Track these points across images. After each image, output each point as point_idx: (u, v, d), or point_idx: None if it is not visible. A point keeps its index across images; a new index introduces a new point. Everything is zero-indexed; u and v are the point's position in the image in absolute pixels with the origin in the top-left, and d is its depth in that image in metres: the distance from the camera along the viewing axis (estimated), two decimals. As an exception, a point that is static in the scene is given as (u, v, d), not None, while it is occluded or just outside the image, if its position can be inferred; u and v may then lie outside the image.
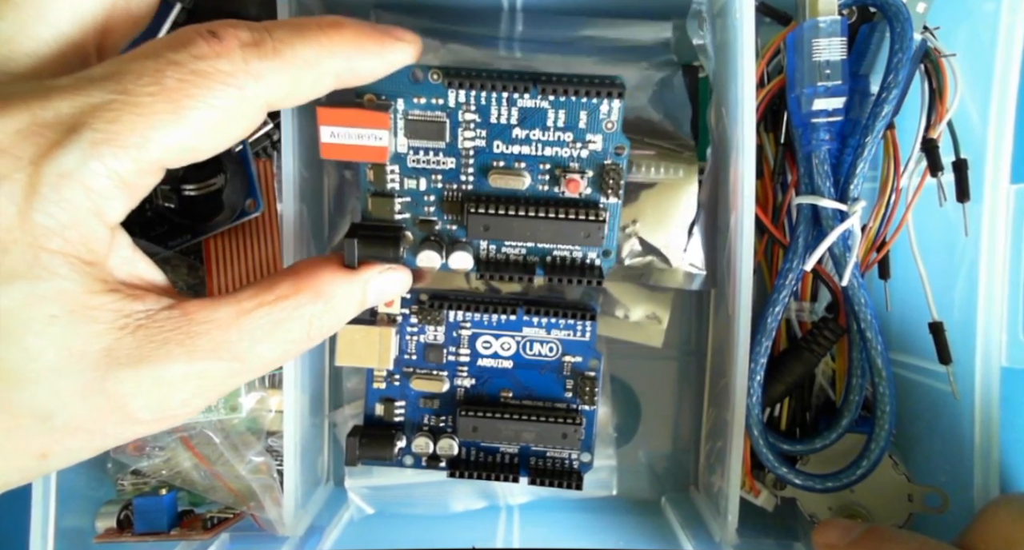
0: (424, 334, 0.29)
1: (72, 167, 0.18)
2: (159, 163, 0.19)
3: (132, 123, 0.18)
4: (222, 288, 0.33)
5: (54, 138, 0.18)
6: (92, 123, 0.18)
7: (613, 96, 0.24)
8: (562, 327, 0.28)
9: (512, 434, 0.28)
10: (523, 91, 0.24)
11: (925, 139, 0.30)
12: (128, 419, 0.20)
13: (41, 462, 0.19)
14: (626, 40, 0.34)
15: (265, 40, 0.20)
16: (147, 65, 0.19)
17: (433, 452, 0.29)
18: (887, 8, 0.28)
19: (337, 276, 0.24)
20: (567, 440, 0.28)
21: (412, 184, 0.26)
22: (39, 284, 0.18)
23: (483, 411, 0.28)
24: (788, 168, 0.31)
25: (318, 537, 0.34)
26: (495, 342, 0.29)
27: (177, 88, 0.19)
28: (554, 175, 0.26)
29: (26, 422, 0.19)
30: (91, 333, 0.19)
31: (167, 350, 0.20)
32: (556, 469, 0.29)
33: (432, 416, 0.29)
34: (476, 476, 0.29)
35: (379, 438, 0.29)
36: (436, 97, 0.25)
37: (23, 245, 0.18)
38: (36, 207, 0.18)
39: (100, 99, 0.18)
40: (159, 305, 0.20)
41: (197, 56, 0.19)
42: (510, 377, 0.29)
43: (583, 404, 0.29)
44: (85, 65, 0.21)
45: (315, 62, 0.20)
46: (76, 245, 0.18)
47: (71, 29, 0.21)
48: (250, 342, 0.21)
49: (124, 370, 0.19)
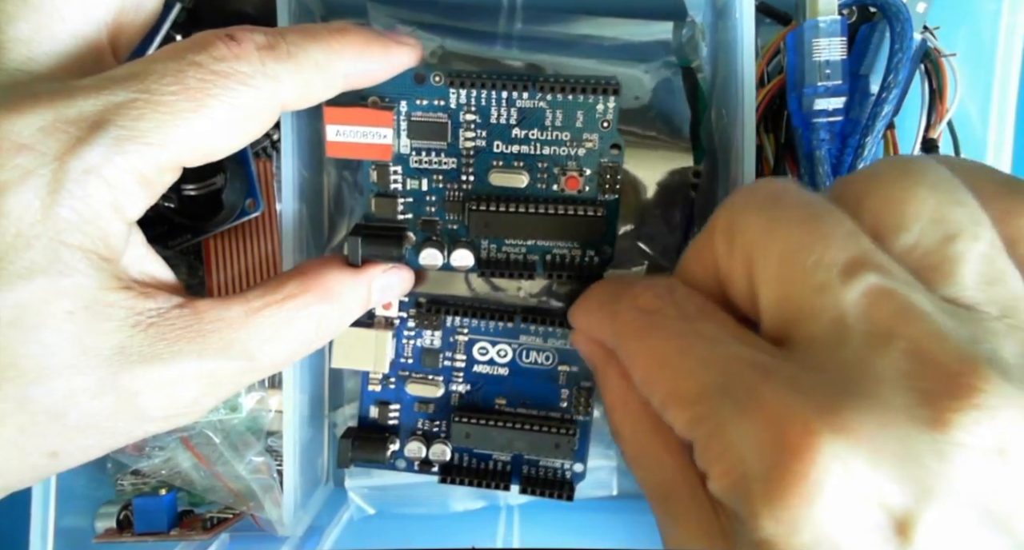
0: (421, 338, 0.29)
1: (97, 163, 0.18)
2: (179, 161, 0.20)
3: (156, 121, 0.19)
4: (221, 288, 0.33)
5: (78, 134, 0.18)
6: (116, 120, 0.18)
7: (608, 95, 0.25)
8: (559, 336, 0.28)
9: (505, 442, 0.28)
10: (522, 90, 0.25)
11: (925, 139, 0.30)
12: (139, 417, 0.20)
13: (52, 461, 0.20)
14: (625, 40, 0.34)
15: (280, 43, 0.20)
16: (169, 66, 0.19)
17: (426, 457, 0.29)
18: (887, 8, 0.28)
19: (343, 275, 0.24)
20: (559, 450, 0.28)
21: (415, 184, 0.26)
22: (59, 279, 0.18)
23: (477, 418, 0.28)
24: (788, 168, 0.31)
25: (318, 537, 0.34)
26: (491, 348, 0.29)
27: (198, 88, 0.19)
28: (553, 173, 0.26)
29: (40, 419, 0.19)
30: (105, 330, 0.19)
31: (178, 348, 0.20)
32: (548, 478, 0.29)
33: (426, 420, 0.29)
34: (468, 483, 0.29)
35: (372, 441, 0.29)
36: (438, 98, 0.25)
37: (45, 240, 0.18)
38: (60, 202, 0.18)
39: (124, 98, 0.19)
40: (170, 303, 0.20)
41: (217, 58, 0.19)
42: (505, 384, 0.29)
43: (578, 414, 0.29)
44: (100, 64, 0.21)
45: (326, 64, 0.21)
46: (95, 240, 0.19)
47: (86, 28, 0.21)
48: (259, 341, 0.21)
49: (136, 367, 0.19)
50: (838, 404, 0.15)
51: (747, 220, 0.18)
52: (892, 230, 0.17)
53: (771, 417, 0.15)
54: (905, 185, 0.17)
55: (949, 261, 0.16)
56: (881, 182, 0.18)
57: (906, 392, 0.15)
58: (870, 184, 0.18)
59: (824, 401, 0.15)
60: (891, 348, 0.15)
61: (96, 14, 0.21)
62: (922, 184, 0.17)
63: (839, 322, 0.16)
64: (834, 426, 0.14)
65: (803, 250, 0.17)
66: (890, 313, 0.16)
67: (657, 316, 0.20)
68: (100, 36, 0.22)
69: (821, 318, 0.16)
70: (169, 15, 0.31)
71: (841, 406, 0.15)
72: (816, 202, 0.18)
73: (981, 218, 0.17)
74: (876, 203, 0.17)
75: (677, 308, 0.19)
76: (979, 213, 0.17)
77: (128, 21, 0.22)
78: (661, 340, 0.19)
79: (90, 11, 0.21)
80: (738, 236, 0.18)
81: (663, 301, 0.20)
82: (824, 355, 0.16)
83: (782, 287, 0.17)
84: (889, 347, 0.15)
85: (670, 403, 0.18)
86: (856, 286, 0.16)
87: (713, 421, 0.16)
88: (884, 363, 0.15)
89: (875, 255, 0.16)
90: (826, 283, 0.16)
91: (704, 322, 0.19)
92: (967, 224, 0.16)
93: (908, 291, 0.16)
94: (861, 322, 0.16)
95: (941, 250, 0.16)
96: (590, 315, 0.23)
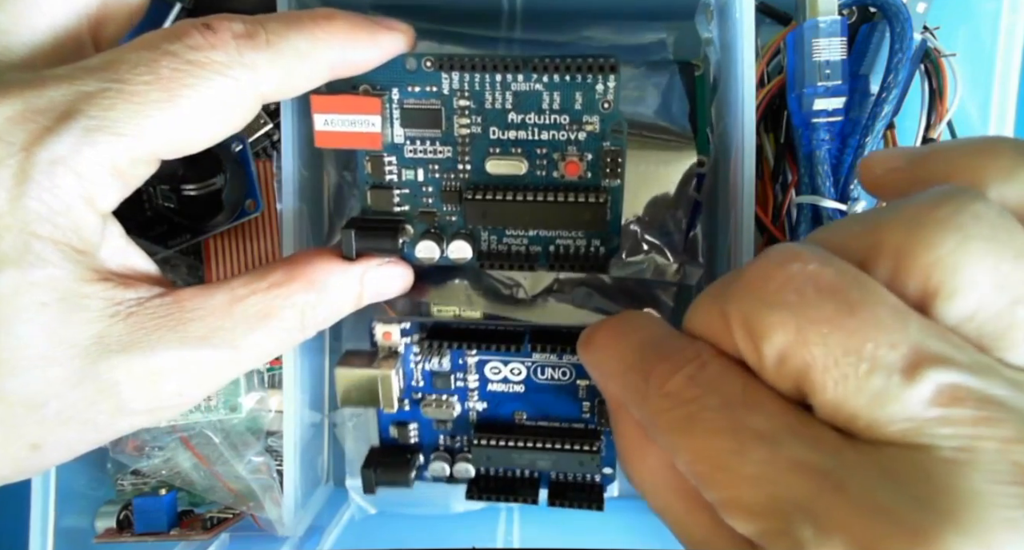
0: (429, 362, 0.28)
1: (64, 153, 0.18)
2: (153, 152, 0.19)
3: (127, 111, 0.18)
4: (222, 288, 0.33)
5: (46, 124, 0.18)
6: (86, 110, 0.18)
7: (608, 73, 0.23)
8: (573, 353, 0.27)
9: (528, 462, 0.27)
10: (516, 73, 0.24)
11: (925, 139, 0.30)
12: (121, 409, 0.20)
13: (34, 454, 0.19)
14: (624, 40, 0.34)
15: (259, 32, 0.20)
16: (143, 55, 0.19)
17: (450, 474, 0.29)
18: (887, 8, 0.28)
19: (332, 266, 0.23)
20: (584, 467, 0.27)
21: (410, 175, 0.25)
22: (29, 271, 0.18)
23: (497, 439, 0.27)
24: (788, 168, 0.31)
25: (318, 537, 0.34)
26: (504, 368, 0.28)
27: (172, 77, 0.19)
28: (552, 159, 0.25)
29: (18, 411, 0.19)
30: (81, 321, 0.19)
31: (158, 336, 0.20)
32: (577, 483, 0.28)
33: (447, 437, 0.29)
34: (495, 499, 0.28)
35: (394, 464, 0.28)
36: (430, 85, 0.24)
37: (14, 231, 0.18)
38: (28, 193, 0.18)
39: (95, 87, 0.18)
40: (151, 293, 0.20)
41: (192, 47, 0.19)
42: (523, 400, 0.28)
43: (602, 425, 0.28)
44: (80, 57, 0.21)
45: (308, 52, 0.21)
46: (67, 232, 0.18)
47: (66, 19, 0.21)
48: (243, 330, 0.21)
49: (115, 357, 0.19)
50: (931, 529, 0.13)
51: (771, 323, 0.16)
52: (945, 298, 0.15)
53: (857, 545, 0.14)
54: (955, 243, 0.15)
55: (1016, 329, 0.15)
56: (924, 240, 0.15)
57: (1006, 500, 0.13)
58: (910, 240, 0.15)
59: (915, 526, 0.13)
60: (978, 453, 0.14)
61: (77, 6, 0.21)
62: (974, 240, 0.15)
63: (913, 432, 0.14)
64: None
65: (848, 356, 0.15)
66: (968, 415, 0.14)
67: (695, 407, 0.17)
68: (81, 28, 0.21)
69: (889, 428, 0.14)
70: (169, 15, 0.31)
71: (935, 533, 0.13)
72: (847, 284, 0.15)
73: None
74: (922, 266, 0.15)
75: (718, 396, 0.17)
76: None
77: (112, 14, 0.22)
78: (707, 440, 0.16)
79: (71, 2, 0.21)
80: (765, 342, 0.16)
81: (698, 387, 0.17)
82: (900, 462, 0.14)
83: (835, 397, 0.15)
84: (976, 452, 0.14)
85: (732, 510, 0.16)
86: (922, 388, 0.14)
87: (791, 541, 0.14)
88: (973, 472, 0.14)
89: (932, 341, 0.14)
90: (887, 392, 0.14)
91: (753, 414, 0.16)
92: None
93: (980, 381, 0.14)
94: (937, 428, 0.14)
95: (1005, 317, 0.15)
96: (610, 380, 0.21)
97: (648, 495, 0.20)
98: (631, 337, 0.20)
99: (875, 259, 0.16)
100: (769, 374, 0.16)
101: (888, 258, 0.16)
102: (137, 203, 0.31)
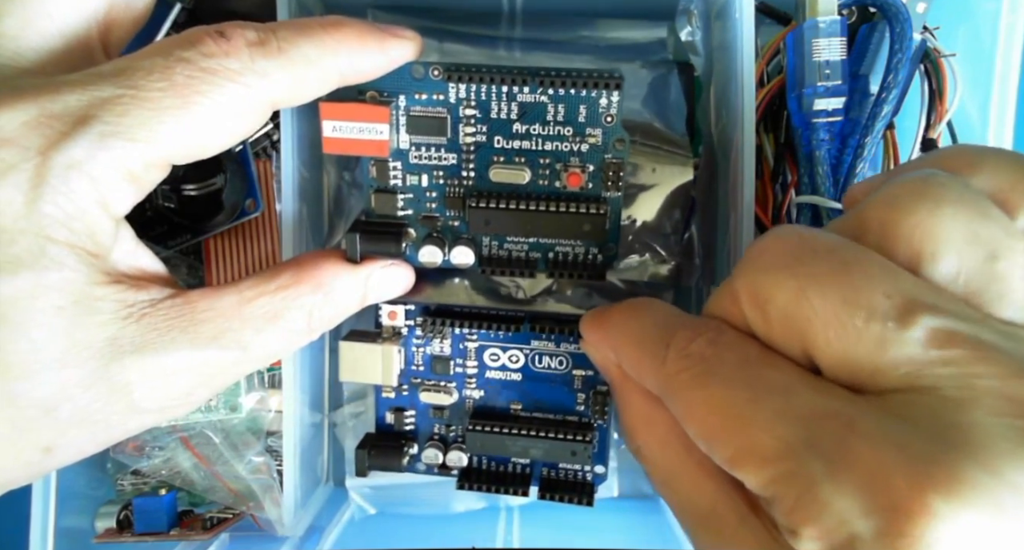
0: (430, 346, 0.28)
1: (80, 158, 0.18)
2: (166, 158, 0.20)
3: (141, 117, 0.18)
4: (222, 288, 0.33)
5: (62, 129, 0.18)
6: (101, 116, 0.18)
7: (611, 89, 0.24)
8: (571, 340, 0.28)
9: (520, 450, 0.28)
10: (522, 85, 0.24)
11: (925, 139, 0.30)
12: (132, 408, 0.20)
13: (46, 456, 0.19)
14: (623, 40, 0.34)
15: (270, 39, 0.20)
16: (157, 62, 0.19)
17: (443, 462, 0.29)
18: (887, 8, 0.28)
19: (338, 268, 0.24)
20: (576, 457, 0.27)
21: (414, 180, 0.26)
22: (45, 274, 0.18)
23: (492, 426, 0.28)
24: (788, 168, 0.31)
25: (318, 537, 0.34)
26: (503, 354, 0.28)
27: (186, 84, 0.19)
28: (555, 169, 0.26)
29: (31, 414, 0.19)
30: (95, 323, 0.19)
31: (171, 337, 0.20)
32: (568, 481, 0.29)
33: (442, 425, 0.29)
34: (486, 489, 0.29)
35: (389, 447, 0.29)
36: (437, 93, 0.25)
37: (30, 235, 0.18)
38: (43, 197, 0.18)
39: (110, 93, 0.18)
40: (162, 294, 0.20)
41: (206, 54, 0.19)
42: (519, 389, 0.29)
43: (596, 418, 0.28)
44: (90, 61, 0.21)
45: (318, 60, 0.21)
46: (82, 236, 0.19)
47: (75, 24, 0.21)
48: (252, 331, 0.21)
49: (128, 358, 0.19)
50: (942, 458, 0.14)
51: (774, 286, 0.17)
52: (929, 259, 0.16)
53: (871, 475, 0.14)
54: (929, 208, 0.16)
55: (996, 282, 0.16)
56: (902, 209, 0.17)
57: (1008, 432, 0.14)
58: (891, 212, 0.17)
59: (926, 456, 0.14)
60: (977, 391, 0.15)
61: (86, 10, 0.21)
62: (945, 203, 0.16)
63: (913, 375, 0.15)
64: (944, 483, 0.14)
65: (846, 306, 0.16)
66: (965, 354, 0.15)
67: (714, 362, 0.18)
68: (90, 33, 0.21)
69: (892, 373, 0.15)
70: (169, 15, 0.31)
71: (946, 460, 0.14)
72: (840, 246, 0.17)
73: (1012, 228, 0.16)
74: (904, 232, 0.16)
75: (735, 353, 0.18)
76: (1007, 223, 0.16)
77: (119, 17, 0.22)
78: (725, 390, 0.17)
79: (80, 7, 0.21)
80: (769, 305, 0.17)
81: (717, 346, 0.18)
82: (906, 405, 0.15)
83: (838, 349, 0.16)
84: (976, 390, 0.15)
85: (745, 459, 0.16)
86: (916, 332, 0.15)
87: (803, 480, 0.15)
88: (976, 408, 0.14)
89: (922, 292, 0.16)
90: (885, 338, 0.15)
91: (769, 370, 0.17)
92: (1002, 238, 0.16)
93: (970, 327, 0.15)
94: (937, 369, 0.15)
95: (985, 272, 0.16)
96: (623, 352, 0.22)
97: (654, 467, 0.21)
98: (650, 315, 0.21)
99: (863, 235, 0.17)
100: (778, 339, 0.17)
101: (874, 232, 0.17)
102: (137, 203, 0.31)
